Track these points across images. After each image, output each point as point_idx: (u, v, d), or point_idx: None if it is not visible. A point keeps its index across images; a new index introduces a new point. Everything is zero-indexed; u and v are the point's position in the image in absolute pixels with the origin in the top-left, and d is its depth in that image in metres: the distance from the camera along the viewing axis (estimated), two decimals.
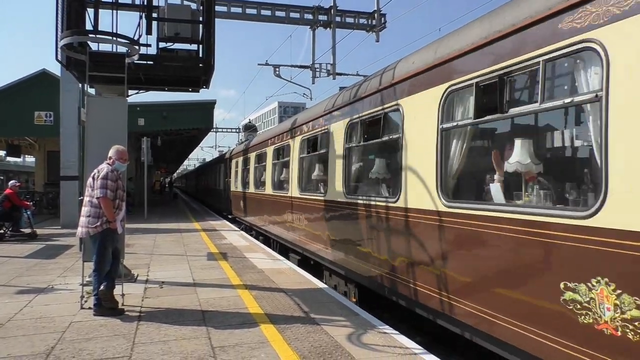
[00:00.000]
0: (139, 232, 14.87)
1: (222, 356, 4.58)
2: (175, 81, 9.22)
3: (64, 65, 8.32)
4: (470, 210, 4.65)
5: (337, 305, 6.54)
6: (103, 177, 5.97)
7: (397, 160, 6.09)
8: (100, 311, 5.95)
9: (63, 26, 7.63)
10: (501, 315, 4.16)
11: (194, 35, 8.66)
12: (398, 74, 6.23)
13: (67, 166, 16.40)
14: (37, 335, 5.22)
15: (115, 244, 6.23)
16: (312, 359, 4.53)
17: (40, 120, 19.93)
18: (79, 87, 15.36)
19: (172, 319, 5.81)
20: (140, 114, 20.27)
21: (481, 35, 4.65)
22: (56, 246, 12.14)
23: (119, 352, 4.68)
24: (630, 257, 3.06)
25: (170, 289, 7.42)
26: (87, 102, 7.90)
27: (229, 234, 15.34)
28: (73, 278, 8.04)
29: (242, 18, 17.40)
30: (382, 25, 18.13)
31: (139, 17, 8.11)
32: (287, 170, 11.51)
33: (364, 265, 6.87)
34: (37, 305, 6.48)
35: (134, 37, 7.56)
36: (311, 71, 19.46)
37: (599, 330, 3.23)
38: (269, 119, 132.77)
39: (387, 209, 6.25)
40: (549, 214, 3.75)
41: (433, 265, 5.21)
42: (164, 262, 9.91)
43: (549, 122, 5.16)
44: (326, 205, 8.43)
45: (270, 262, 10.02)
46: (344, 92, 8.24)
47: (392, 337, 5.18)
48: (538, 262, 3.79)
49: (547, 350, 3.65)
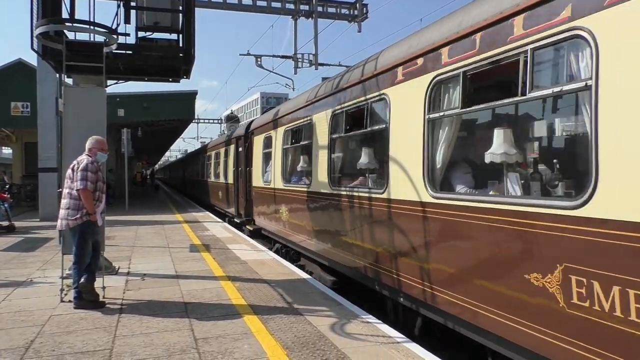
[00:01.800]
0: (120, 224, 14.71)
1: (204, 347, 4.57)
2: (155, 71, 9.11)
3: (40, 54, 8.14)
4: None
5: (321, 295, 6.57)
6: (83, 169, 5.87)
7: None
8: (80, 304, 5.88)
9: (39, 14, 7.46)
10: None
11: (174, 25, 8.54)
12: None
13: (45, 158, 16.12)
14: (16, 329, 5.14)
15: (96, 237, 6.15)
16: (296, 349, 4.55)
17: (16, 112, 19.52)
18: (56, 77, 15.05)
19: (154, 311, 5.77)
20: (120, 105, 20.00)
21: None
22: (35, 239, 11.95)
23: (100, 345, 4.64)
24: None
25: (153, 281, 7.36)
26: (65, 92, 7.74)
27: (212, 225, 15.26)
28: (52, 271, 7.93)
29: (223, 7, 17.19)
30: (363, 16, 18.13)
31: (117, 6, 7.97)
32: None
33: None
34: (16, 298, 6.38)
35: (112, 26, 7.43)
36: (293, 61, 19.35)
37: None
38: (251, 109, 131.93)
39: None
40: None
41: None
42: (145, 254, 9.83)
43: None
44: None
45: (254, 253, 10.00)
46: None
47: (375, 326, 5.22)
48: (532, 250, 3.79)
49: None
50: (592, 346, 3.24)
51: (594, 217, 3.23)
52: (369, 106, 6.54)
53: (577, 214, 3.35)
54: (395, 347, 4.61)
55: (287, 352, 4.45)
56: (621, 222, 3.06)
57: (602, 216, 3.18)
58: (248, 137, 14.04)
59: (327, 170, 7.74)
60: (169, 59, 8.56)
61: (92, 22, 7.17)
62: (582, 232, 3.31)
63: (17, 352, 4.47)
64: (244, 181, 14.33)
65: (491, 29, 4.25)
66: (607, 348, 3.14)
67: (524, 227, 3.79)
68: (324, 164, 7.85)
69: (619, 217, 3.08)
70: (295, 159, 9.98)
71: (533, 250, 3.72)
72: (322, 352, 4.45)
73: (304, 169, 9.40)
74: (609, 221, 3.13)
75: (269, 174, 11.52)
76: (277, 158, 10.58)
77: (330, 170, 7.67)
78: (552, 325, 3.51)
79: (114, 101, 19.17)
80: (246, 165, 14.07)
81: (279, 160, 10.44)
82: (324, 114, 7.92)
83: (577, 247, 3.34)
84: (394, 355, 4.40)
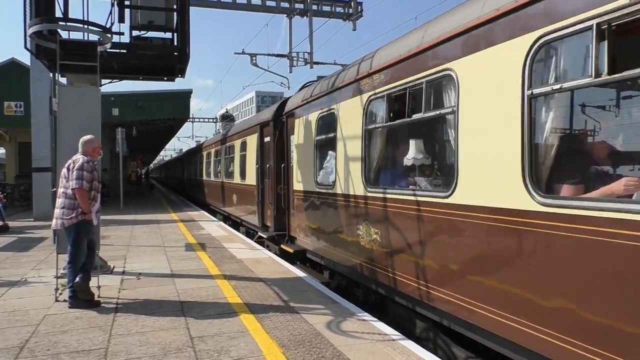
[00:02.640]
0: (115, 224, 14.66)
1: (200, 346, 4.57)
2: (150, 70, 9.10)
3: (33, 53, 8.13)
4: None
5: (317, 293, 6.57)
6: (79, 168, 5.85)
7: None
8: (75, 303, 5.86)
9: (32, 13, 7.44)
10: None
11: (169, 23, 8.54)
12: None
13: (39, 157, 16.05)
14: (10, 328, 5.12)
15: (91, 236, 6.13)
16: (292, 347, 4.55)
17: (10, 111, 19.45)
18: (49, 77, 14.99)
19: (149, 310, 5.76)
20: (115, 104, 19.95)
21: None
22: (29, 239, 11.89)
23: (95, 344, 4.63)
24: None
25: (148, 280, 7.35)
26: (59, 91, 7.70)
27: (207, 224, 15.24)
28: (47, 271, 7.89)
29: (218, 6, 17.17)
30: (358, 14, 18.16)
31: (111, 5, 7.96)
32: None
33: None
34: (10, 298, 6.36)
35: (106, 25, 7.41)
36: (288, 60, 19.37)
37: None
38: (246, 108, 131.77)
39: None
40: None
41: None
42: (141, 253, 9.80)
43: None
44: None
45: (250, 252, 9.99)
46: None
47: (371, 324, 5.23)
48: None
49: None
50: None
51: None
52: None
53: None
54: (391, 344, 4.62)
55: (284, 350, 4.46)
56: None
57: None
58: (281, 121, 10.52)
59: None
60: (164, 58, 8.56)
61: (86, 21, 7.16)
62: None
63: (11, 352, 4.45)
64: (271, 182, 10.99)
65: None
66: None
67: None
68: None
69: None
70: (391, 148, 6.49)
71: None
72: (318, 350, 4.46)
73: (413, 162, 5.95)
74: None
75: (329, 171, 7.92)
76: (353, 147, 6.82)
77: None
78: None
79: (109, 100, 19.12)
80: (278, 161, 10.63)
81: (356, 149, 6.70)
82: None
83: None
84: (390, 352, 4.41)
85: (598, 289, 3.20)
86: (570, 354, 3.34)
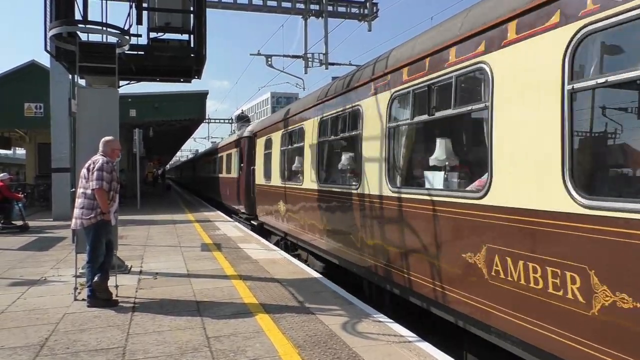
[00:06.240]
0: (132, 224, 14.82)
1: (217, 346, 4.60)
2: (167, 72, 9.19)
3: (53, 55, 8.26)
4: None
5: (332, 294, 6.57)
6: (99, 169, 5.92)
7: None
8: (94, 302, 5.93)
9: (52, 16, 7.55)
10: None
11: (185, 25, 8.61)
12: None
13: (59, 158, 16.27)
14: (31, 326, 5.20)
15: (109, 236, 6.20)
16: (307, 347, 4.56)
17: (30, 112, 19.74)
18: (69, 78, 15.17)
19: (166, 310, 5.82)
20: (132, 105, 20.13)
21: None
22: (48, 238, 12.08)
23: (113, 343, 4.68)
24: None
25: (164, 280, 7.41)
26: (78, 93, 7.82)
27: (223, 224, 15.33)
28: (66, 270, 8.01)
29: (234, 8, 17.28)
30: (374, 15, 18.10)
31: (129, 7, 8.05)
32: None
33: None
34: (30, 297, 6.46)
35: (124, 27, 7.50)
36: (304, 61, 19.39)
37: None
38: (261, 109, 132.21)
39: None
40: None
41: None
42: (157, 253, 9.89)
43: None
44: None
45: (265, 252, 10.03)
46: None
47: (387, 326, 5.22)
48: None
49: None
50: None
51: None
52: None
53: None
54: (407, 346, 4.60)
55: (299, 351, 4.46)
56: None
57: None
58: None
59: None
60: (181, 60, 8.64)
61: (104, 23, 7.26)
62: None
63: (32, 350, 4.52)
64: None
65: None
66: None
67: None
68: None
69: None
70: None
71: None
72: (334, 351, 4.46)
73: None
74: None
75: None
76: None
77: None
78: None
79: (126, 102, 19.29)
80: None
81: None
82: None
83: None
84: (406, 354, 4.40)
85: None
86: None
